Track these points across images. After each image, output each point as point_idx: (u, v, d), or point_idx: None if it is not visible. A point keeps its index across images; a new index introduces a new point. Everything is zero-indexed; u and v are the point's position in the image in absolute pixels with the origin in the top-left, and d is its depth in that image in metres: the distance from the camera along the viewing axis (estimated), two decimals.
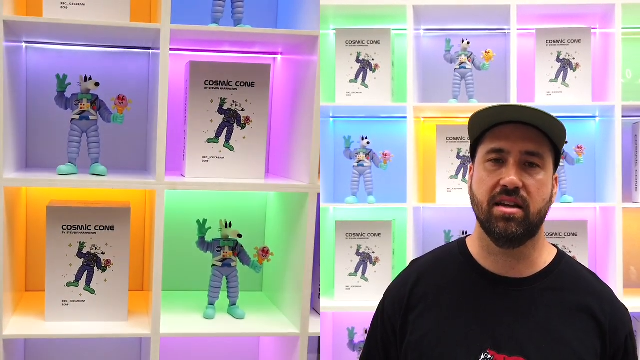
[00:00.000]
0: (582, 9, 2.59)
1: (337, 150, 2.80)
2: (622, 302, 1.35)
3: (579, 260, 2.49)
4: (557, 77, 2.64)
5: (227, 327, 2.13)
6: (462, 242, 1.39)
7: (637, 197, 2.63)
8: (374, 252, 2.62)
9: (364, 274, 2.61)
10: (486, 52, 2.62)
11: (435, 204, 2.67)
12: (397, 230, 2.72)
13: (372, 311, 1.44)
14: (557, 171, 1.35)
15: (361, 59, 2.68)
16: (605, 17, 2.63)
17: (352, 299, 2.60)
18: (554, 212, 1.35)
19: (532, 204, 1.25)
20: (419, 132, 2.79)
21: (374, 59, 2.67)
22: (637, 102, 2.55)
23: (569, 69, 2.64)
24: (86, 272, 2.10)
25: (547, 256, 1.34)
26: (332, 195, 2.82)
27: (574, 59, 2.64)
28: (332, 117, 2.84)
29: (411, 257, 2.52)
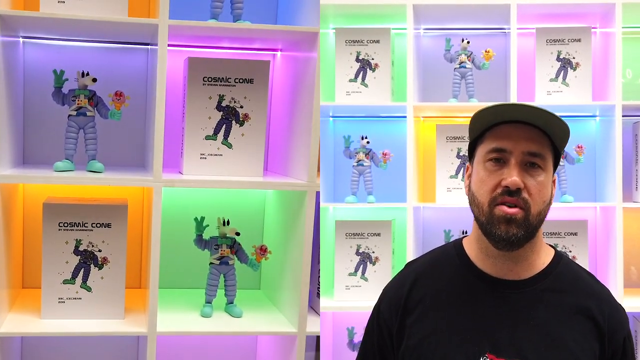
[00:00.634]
0: (582, 8, 2.59)
1: (337, 149, 2.80)
2: (620, 304, 1.34)
3: (579, 260, 2.54)
4: (557, 76, 2.64)
5: (225, 325, 2.12)
6: (458, 243, 1.38)
7: (638, 197, 2.63)
8: (373, 252, 2.61)
9: (363, 273, 2.60)
10: (486, 51, 2.62)
11: (435, 203, 2.66)
12: (397, 229, 2.71)
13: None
14: (556, 172, 1.34)
15: (361, 58, 2.67)
16: (605, 16, 2.63)
17: (352, 298, 2.60)
18: (554, 211, 1.34)
19: (533, 205, 1.24)
20: (419, 131, 2.79)
21: (373, 59, 2.67)
22: (638, 101, 2.55)
23: (569, 69, 2.63)
24: (83, 270, 2.09)
25: (545, 258, 1.33)
26: (331, 194, 2.81)
27: (574, 58, 2.63)
28: (332, 117, 2.84)
29: (411, 256, 2.51)
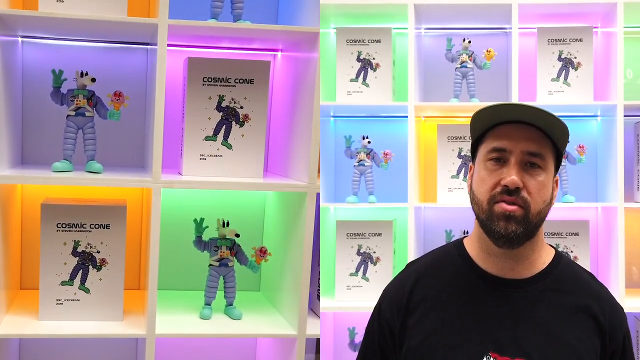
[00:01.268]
0: (583, 7, 2.59)
1: (338, 149, 2.80)
2: (619, 303, 1.36)
3: (581, 260, 2.54)
4: (558, 76, 2.63)
5: (224, 327, 2.11)
6: (459, 243, 1.39)
7: (639, 197, 2.62)
8: (374, 252, 2.61)
9: (364, 273, 2.60)
10: (487, 51, 2.61)
11: (436, 203, 2.66)
12: (398, 230, 2.71)
13: None
14: (558, 172, 1.35)
15: (362, 58, 2.67)
16: (607, 16, 2.63)
17: (353, 299, 2.59)
18: (555, 211, 1.34)
19: (533, 204, 1.25)
20: (420, 131, 2.78)
21: (374, 58, 2.66)
22: (639, 101, 2.54)
23: (570, 68, 2.63)
24: (81, 271, 2.08)
25: (546, 257, 1.34)
26: (332, 194, 2.81)
27: (575, 58, 2.63)
28: (333, 117, 2.83)
29: (412, 257, 2.51)
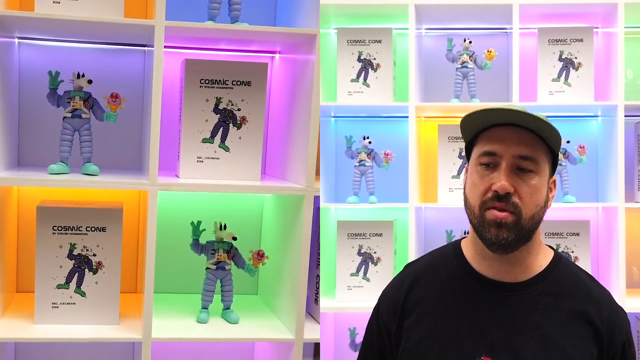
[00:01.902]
0: (584, 8, 2.59)
1: (339, 149, 2.80)
2: (622, 307, 1.33)
3: (581, 260, 2.54)
4: (559, 76, 2.63)
5: (221, 331, 2.09)
6: (457, 245, 1.38)
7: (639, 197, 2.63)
8: (375, 252, 2.61)
9: (365, 274, 2.60)
10: (488, 51, 2.61)
11: (437, 203, 2.66)
12: (398, 230, 2.71)
13: None
14: (557, 173, 1.32)
15: (363, 58, 2.67)
16: (607, 16, 2.63)
17: (354, 299, 2.59)
18: (556, 212, 1.34)
19: (525, 210, 1.23)
20: (421, 131, 2.78)
21: (375, 58, 2.66)
22: (639, 101, 2.54)
23: (571, 69, 2.63)
24: (77, 274, 2.06)
25: (543, 260, 1.32)
26: (333, 195, 2.81)
27: (576, 58, 2.63)
28: (334, 117, 2.83)
29: (413, 257, 2.51)
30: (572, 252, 2.57)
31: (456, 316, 1.28)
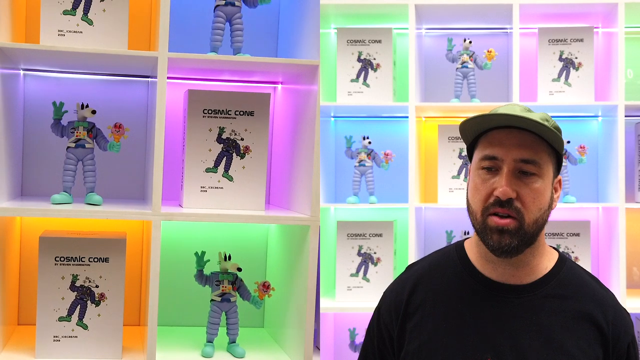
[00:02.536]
0: (584, 8, 2.58)
1: (339, 150, 2.79)
2: (625, 308, 1.33)
3: (581, 261, 2.54)
4: (559, 76, 2.63)
5: None
6: (460, 246, 1.37)
7: None
8: (375, 253, 2.61)
9: (365, 274, 2.60)
10: (488, 51, 2.61)
11: (437, 204, 2.66)
12: (398, 230, 2.71)
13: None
14: (560, 172, 1.32)
15: (362, 58, 2.67)
16: (607, 16, 2.62)
17: (354, 299, 2.59)
18: (556, 212, 1.32)
19: (527, 214, 1.22)
20: (421, 131, 2.78)
21: (375, 59, 2.66)
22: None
23: (571, 68, 2.62)
24: (79, 306, 2.00)
25: (547, 262, 1.31)
26: (333, 195, 2.81)
27: (576, 58, 2.62)
28: (334, 117, 2.83)
29: (413, 257, 2.51)
30: (573, 252, 2.56)
31: (460, 319, 1.27)
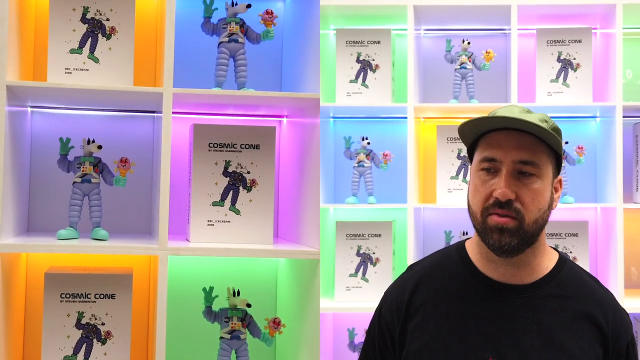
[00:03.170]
0: (582, 9, 2.59)
1: (338, 150, 2.80)
2: (624, 308, 1.33)
3: (580, 261, 2.54)
4: (557, 77, 2.64)
5: None
6: (461, 246, 1.37)
7: (638, 198, 2.63)
8: (374, 253, 2.61)
9: (364, 274, 2.60)
10: (487, 52, 2.62)
11: (435, 204, 2.66)
12: (397, 230, 2.71)
13: (373, 312, 1.43)
14: (560, 173, 1.33)
15: (361, 59, 2.67)
16: (606, 17, 2.63)
17: (353, 299, 2.59)
18: (554, 212, 1.33)
19: (527, 214, 1.23)
20: (420, 132, 2.79)
21: (374, 59, 2.67)
22: (638, 102, 2.55)
23: (569, 69, 2.63)
24: (85, 345, 1.96)
25: (548, 262, 1.32)
26: (332, 195, 2.81)
27: (574, 59, 2.63)
28: (333, 118, 2.84)
29: (412, 257, 2.51)
30: (571, 252, 2.57)
31: (462, 319, 1.28)
